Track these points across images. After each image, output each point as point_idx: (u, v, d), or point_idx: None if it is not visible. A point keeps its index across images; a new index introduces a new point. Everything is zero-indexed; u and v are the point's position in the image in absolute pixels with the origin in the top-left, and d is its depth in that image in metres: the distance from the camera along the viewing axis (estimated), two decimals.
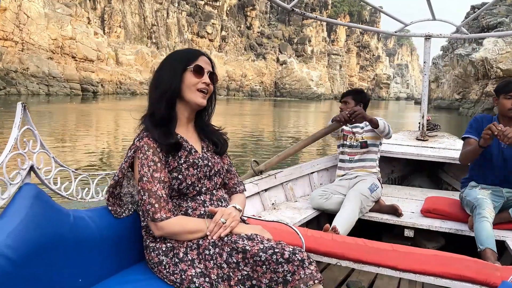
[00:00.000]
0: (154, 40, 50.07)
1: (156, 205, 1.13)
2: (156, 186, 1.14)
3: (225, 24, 58.89)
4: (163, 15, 51.41)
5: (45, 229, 1.03)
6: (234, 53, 58.39)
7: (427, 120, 3.70)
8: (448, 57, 35.19)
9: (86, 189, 1.27)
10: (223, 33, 58.69)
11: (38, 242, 0.99)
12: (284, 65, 60.93)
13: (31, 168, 1.09)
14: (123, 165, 1.20)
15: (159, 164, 1.17)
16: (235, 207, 1.25)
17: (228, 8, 61.31)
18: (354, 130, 2.73)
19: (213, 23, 56.35)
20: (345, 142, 2.72)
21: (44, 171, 1.12)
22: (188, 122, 1.29)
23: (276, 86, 60.65)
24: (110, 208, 1.24)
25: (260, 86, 57.81)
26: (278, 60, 61.84)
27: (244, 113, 21.53)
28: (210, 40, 56.53)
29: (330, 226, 2.09)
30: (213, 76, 1.27)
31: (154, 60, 45.89)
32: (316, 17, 3.63)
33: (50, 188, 1.15)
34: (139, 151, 1.17)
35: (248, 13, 65.42)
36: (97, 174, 1.31)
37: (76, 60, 36.56)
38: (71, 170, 1.21)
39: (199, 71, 1.22)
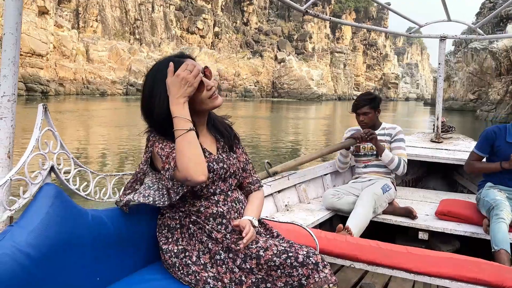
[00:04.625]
0: (137, 36, 49.30)
1: (172, 163, 1.19)
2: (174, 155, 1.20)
3: (219, 20, 58.14)
4: (147, 9, 50.87)
5: (64, 228, 1.12)
6: (228, 50, 57.78)
7: (442, 122, 3.85)
8: (461, 52, 33.51)
9: (104, 189, 1.37)
10: (216, 29, 57.99)
11: (58, 240, 1.09)
12: (282, 63, 60.09)
13: (52, 168, 1.19)
14: (142, 159, 1.28)
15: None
16: (251, 222, 1.28)
17: (223, 3, 60.58)
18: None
19: (204, 18, 55.59)
20: (359, 153, 2.89)
21: (64, 172, 1.23)
22: (202, 124, 1.34)
23: (273, 86, 59.80)
24: (123, 198, 1.29)
25: (255, 85, 56.82)
26: (276, 58, 60.87)
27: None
28: (201, 37, 55.99)
29: (343, 227, 2.25)
30: (205, 70, 1.28)
31: (132, 57, 44.77)
32: (330, 18, 3.79)
33: (69, 188, 1.25)
34: (157, 142, 1.24)
35: (245, 8, 64.89)
36: (115, 175, 1.41)
37: (21, 55, 32.69)
38: (89, 170, 1.32)
39: (200, 85, 1.23)
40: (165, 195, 1.25)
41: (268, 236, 1.36)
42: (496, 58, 25.87)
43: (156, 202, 1.24)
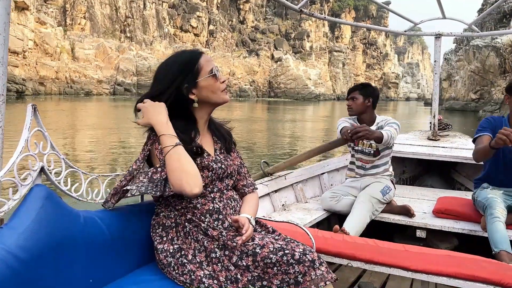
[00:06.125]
0: (128, 34, 49.12)
1: (163, 173, 1.25)
2: None
3: (213, 18, 58.19)
4: (139, 6, 50.73)
5: (55, 229, 1.14)
6: (223, 49, 57.85)
7: (439, 120, 3.93)
8: (463, 50, 32.81)
9: (96, 190, 1.39)
10: (211, 27, 58.01)
11: (48, 242, 1.11)
12: (279, 63, 60.15)
13: (42, 169, 1.21)
14: (139, 157, 1.31)
15: None
16: (249, 220, 1.32)
17: (219, 1, 60.68)
18: None
19: (198, 16, 55.63)
20: (356, 147, 2.79)
21: (55, 172, 1.25)
22: (204, 124, 1.41)
23: (270, 86, 59.84)
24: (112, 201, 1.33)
25: (251, 85, 56.86)
26: (272, 57, 61.01)
27: None
28: (195, 35, 56.02)
29: (340, 227, 2.26)
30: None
31: (121, 56, 44.46)
32: (325, 17, 3.86)
33: (60, 189, 1.27)
34: (157, 142, 1.28)
35: (242, 6, 64.99)
36: (107, 175, 1.43)
37: None
38: (81, 171, 1.34)
39: (217, 74, 1.35)
40: (159, 186, 1.26)
41: (263, 232, 1.40)
42: (500, 54, 25.46)
43: (149, 191, 1.26)
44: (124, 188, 1.30)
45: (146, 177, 1.26)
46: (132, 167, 1.31)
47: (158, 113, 1.26)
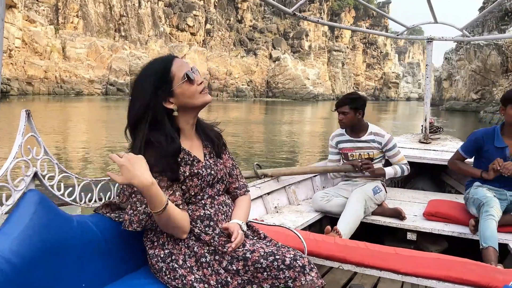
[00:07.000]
0: (123, 33, 49.05)
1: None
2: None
3: (211, 17, 58.26)
4: (133, 4, 50.70)
5: (49, 234, 1.17)
6: (220, 48, 57.88)
7: (430, 123, 4.04)
8: (463, 49, 32.63)
9: (89, 194, 1.42)
10: (208, 26, 58.06)
11: (42, 247, 1.13)
12: (277, 62, 60.21)
13: (35, 175, 1.24)
14: (136, 198, 1.27)
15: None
16: (240, 226, 1.34)
17: None
18: (358, 145, 2.92)
19: (195, 15, 55.65)
20: (350, 159, 2.95)
21: (48, 177, 1.27)
22: (191, 128, 1.39)
23: (268, 86, 59.87)
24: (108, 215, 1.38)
25: (248, 85, 56.89)
26: (271, 56, 61.10)
27: None
28: (192, 34, 55.95)
29: (333, 228, 2.37)
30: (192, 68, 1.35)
31: (114, 55, 44.25)
32: (318, 20, 3.97)
33: (53, 194, 1.30)
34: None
35: (239, 5, 65.04)
36: (101, 180, 1.45)
37: None
38: (74, 176, 1.37)
39: (191, 77, 1.31)
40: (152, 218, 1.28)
41: (255, 238, 1.43)
42: (502, 52, 25.20)
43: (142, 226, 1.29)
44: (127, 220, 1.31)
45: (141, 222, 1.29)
46: (132, 198, 1.28)
47: (140, 173, 1.14)
